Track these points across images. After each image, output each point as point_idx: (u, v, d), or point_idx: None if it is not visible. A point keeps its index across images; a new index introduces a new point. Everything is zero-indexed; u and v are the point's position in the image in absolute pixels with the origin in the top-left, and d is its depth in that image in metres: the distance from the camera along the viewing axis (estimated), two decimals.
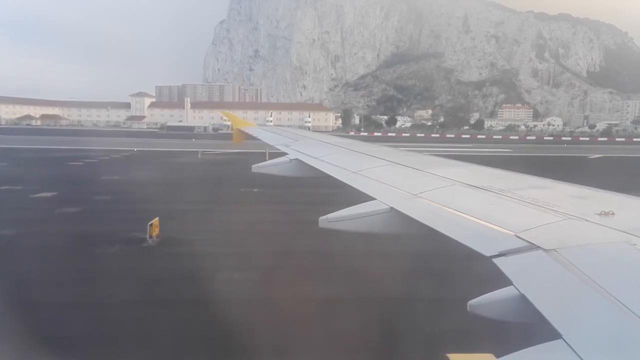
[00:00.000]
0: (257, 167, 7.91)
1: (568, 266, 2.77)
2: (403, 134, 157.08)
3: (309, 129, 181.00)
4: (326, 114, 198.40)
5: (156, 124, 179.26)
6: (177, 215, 22.09)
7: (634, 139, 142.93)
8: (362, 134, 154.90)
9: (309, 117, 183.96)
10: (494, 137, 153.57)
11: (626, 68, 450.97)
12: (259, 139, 11.48)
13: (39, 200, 26.08)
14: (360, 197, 4.93)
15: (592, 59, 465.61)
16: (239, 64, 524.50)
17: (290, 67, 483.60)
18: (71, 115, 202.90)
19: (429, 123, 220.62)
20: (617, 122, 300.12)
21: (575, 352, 2.00)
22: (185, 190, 30.35)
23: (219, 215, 23.28)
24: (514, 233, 3.42)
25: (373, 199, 4.81)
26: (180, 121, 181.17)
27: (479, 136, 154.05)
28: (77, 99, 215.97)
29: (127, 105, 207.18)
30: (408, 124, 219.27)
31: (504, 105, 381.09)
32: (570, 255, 2.91)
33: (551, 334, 2.16)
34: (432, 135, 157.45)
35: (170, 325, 11.00)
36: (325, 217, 4.63)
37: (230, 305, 11.95)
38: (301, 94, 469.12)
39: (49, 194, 27.39)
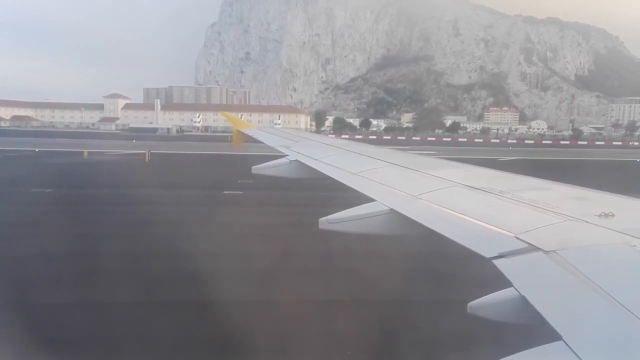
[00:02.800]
0: (257, 169, 7.81)
1: (568, 267, 2.77)
2: (370, 137, 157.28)
3: None
4: (296, 116, 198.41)
5: (124, 125, 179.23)
6: None
7: (596, 142, 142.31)
8: (329, 136, 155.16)
9: (279, 119, 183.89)
10: (460, 139, 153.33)
11: (616, 72, 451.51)
12: (259, 141, 11.50)
13: None
14: (361, 199, 4.91)
15: (580, 62, 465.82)
16: (230, 67, 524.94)
17: (280, 69, 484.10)
18: (44, 117, 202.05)
19: (404, 126, 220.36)
20: (602, 125, 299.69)
21: (576, 354, 2.00)
22: None
23: None
24: (513, 234, 3.41)
25: (373, 200, 4.80)
26: (151, 123, 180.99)
27: (444, 139, 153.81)
28: (51, 100, 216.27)
29: (101, 107, 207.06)
30: (382, 126, 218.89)
31: (491, 108, 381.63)
32: (570, 256, 2.90)
33: (551, 336, 2.15)
34: (399, 137, 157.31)
35: None
36: (325, 218, 4.61)
37: None
38: (291, 97, 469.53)
39: None
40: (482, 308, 2.82)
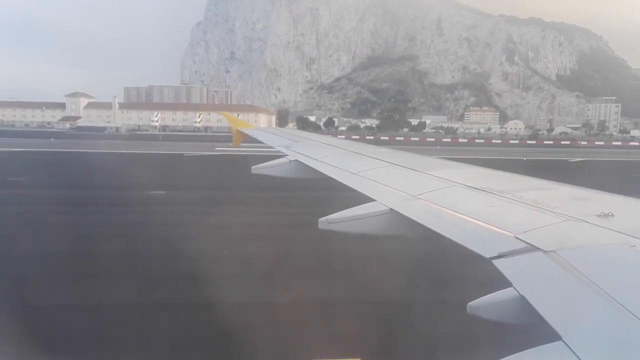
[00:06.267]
0: (257, 169, 7.85)
1: (567, 267, 2.77)
2: (326, 135, 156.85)
3: None
4: (256, 115, 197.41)
5: (73, 124, 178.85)
6: None
7: (545, 142, 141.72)
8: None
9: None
10: (412, 139, 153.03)
11: (599, 72, 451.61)
12: (259, 140, 11.52)
13: None
14: (362, 199, 4.95)
15: (562, 62, 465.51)
16: (216, 66, 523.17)
17: (265, 69, 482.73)
18: (6, 116, 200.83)
19: (366, 125, 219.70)
20: (578, 125, 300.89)
21: (575, 354, 2.00)
22: None
23: None
24: (513, 234, 3.43)
25: (373, 200, 4.82)
26: (109, 122, 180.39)
27: (397, 138, 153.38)
28: (16, 99, 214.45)
29: (62, 106, 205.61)
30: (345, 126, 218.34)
31: (471, 108, 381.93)
32: (569, 256, 2.91)
33: (551, 336, 2.16)
34: (353, 137, 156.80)
35: None
36: (324, 218, 4.64)
37: None
38: (276, 96, 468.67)
39: None
40: (481, 308, 2.81)
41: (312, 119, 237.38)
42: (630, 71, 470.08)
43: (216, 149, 72.10)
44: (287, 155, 8.19)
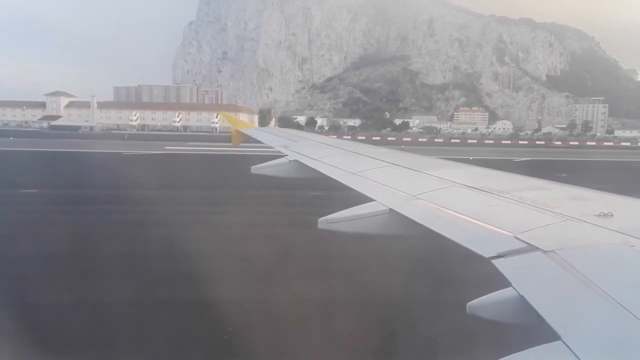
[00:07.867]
0: (256, 168, 7.87)
1: (567, 267, 2.78)
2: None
3: (216, 129, 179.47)
4: (236, 114, 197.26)
5: (48, 123, 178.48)
6: None
7: (520, 142, 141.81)
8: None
9: (217, 117, 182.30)
10: (388, 138, 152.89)
11: (590, 72, 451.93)
12: (258, 140, 11.57)
13: None
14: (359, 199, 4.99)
15: (552, 63, 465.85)
16: (208, 66, 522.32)
17: (256, 69, 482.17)
18: None
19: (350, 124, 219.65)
20: (564, 126, 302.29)
21: (574, 354, 2.00)
22: None
23: None
24: (512, 234, 3.44)
25: (372, 200, 4.85)
26: (87, 121, 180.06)
27: (374, 137, 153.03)
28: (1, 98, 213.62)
29: (43, 105, 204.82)
30: (327, 126, 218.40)
31: (461, 108, 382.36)
32: (569, 256, 2.91)
33: (550, 336, 2.16)
34: (331, 135, 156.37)
35: None
36: (324, 218, 4.67)
37: None
38: (267, 96, 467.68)
39: None
40: (481, 308, 2.82)
41: (302, 118, 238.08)
42: (621, 71, 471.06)
43: (165, 148, 71.52)
44: (286, 155, 8.18)
